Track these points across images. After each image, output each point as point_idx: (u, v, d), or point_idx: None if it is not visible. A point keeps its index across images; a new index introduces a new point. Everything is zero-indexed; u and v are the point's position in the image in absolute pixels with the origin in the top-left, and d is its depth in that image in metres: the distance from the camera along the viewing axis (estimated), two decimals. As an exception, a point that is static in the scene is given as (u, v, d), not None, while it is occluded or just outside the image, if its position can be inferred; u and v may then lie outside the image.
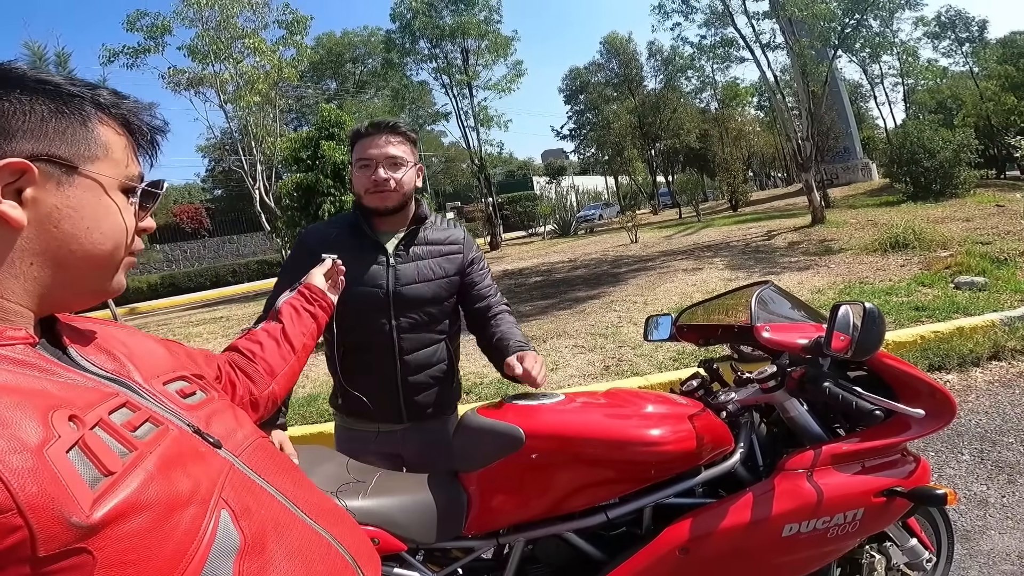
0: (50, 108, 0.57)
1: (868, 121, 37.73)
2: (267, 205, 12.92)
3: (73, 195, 0.58)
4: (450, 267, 1.57)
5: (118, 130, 0.62)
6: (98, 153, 0.59)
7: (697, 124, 32.32)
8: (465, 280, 1.61)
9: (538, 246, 17.45)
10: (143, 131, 0.65)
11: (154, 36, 12.31)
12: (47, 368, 0.54)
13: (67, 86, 0.59)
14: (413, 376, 1.52)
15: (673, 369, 4.09)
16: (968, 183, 13.90)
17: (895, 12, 13.68)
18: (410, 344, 1.51)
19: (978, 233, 8.01)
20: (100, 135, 0.60)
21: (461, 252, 1.60)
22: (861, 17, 12.06)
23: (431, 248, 1.56)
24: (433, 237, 1.57)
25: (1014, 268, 5.77)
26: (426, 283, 1.52)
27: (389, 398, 1.52)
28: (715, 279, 7.35)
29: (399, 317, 1.49)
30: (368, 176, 1.48)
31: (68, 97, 0.58)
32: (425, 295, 1.52)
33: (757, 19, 13.50)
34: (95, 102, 0.60)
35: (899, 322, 4.51)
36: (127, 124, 0.63)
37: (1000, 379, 3.61)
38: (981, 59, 27.66)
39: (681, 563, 1.19)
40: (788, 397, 1.37)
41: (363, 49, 40.86)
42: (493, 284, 1.67)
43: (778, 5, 12.45)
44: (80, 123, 0.58)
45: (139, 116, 0.65)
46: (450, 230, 1.63)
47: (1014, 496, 2.39)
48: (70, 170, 0.57)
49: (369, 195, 1.50)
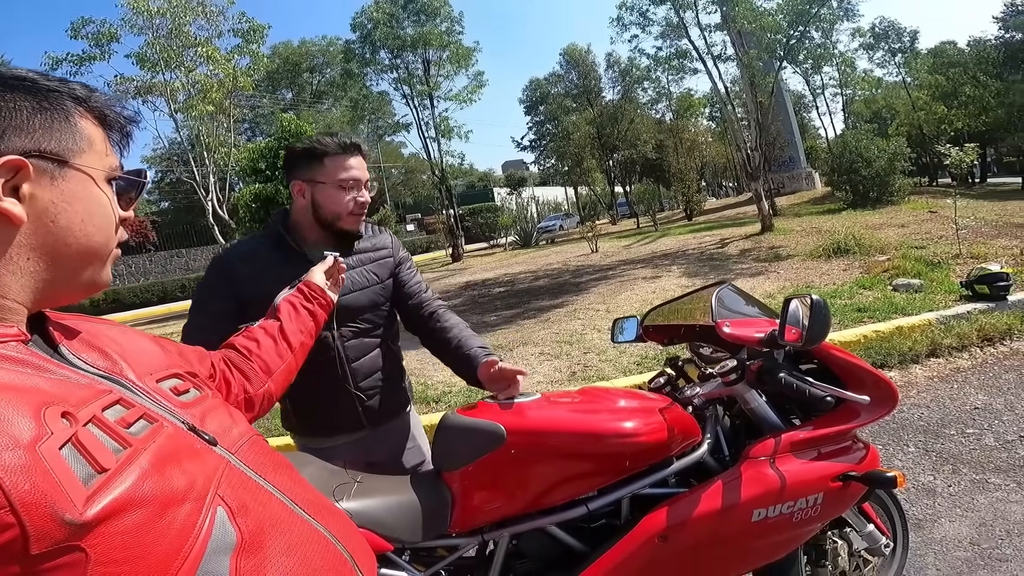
0: (32, 104, 0.57)
1: (811, 131, 39.43)
2: (220, 217, 12.57)
3: (67, 189, 0.58)
4: (383, 272, 1.58)
5: (95, 122, 0.63)
6: (83, 146, 0.60)
7: (653, 135, 33.17)
8: (397, 280, 1.62)
9: (500, 257, 17.50)
10: (118, 123, 0.66)
11: (100, 44, 11.86)
12: (39, 365, 0.53)
13: (43, 81, 0.59)
14: (363, 381, 1.53)
15: (638, 373, 4.20)
16: (903, 191, 14.71)
17: (835, 23, 14.45)
18: (355, 352, 1.52)
19: (913, 238, 8.52)
20: (82, 128, 0.61)
21: (391, 256, 1.62)
22: (804, 29, 12.69)
23: (361, 256, 1.55)
24: (361, 246, 1.57)
25: (947, 270, 6.15)
26: (362, 291, 1.52)
27: (345, 407, 1.52)
28: (673, 286, 7.57)
29: (340, 328, 1.49)
30: (354, 197, 1.46)
31: (47, 92, 0.58)
32: (363, 304, 1.52)
33: (709, 31, 14.04)
34: (72, 96, 0.60)
35: (843, 323, 4.76)
36: (102, 117, 0.64)
37: (939, 375, 3.85)
38: (913, 69, 29.08)
39: (660, 549, 1.25)
40: (748, 389, 1.46)
41: (321, 59, 40.39)
42: (422, 281, 1.69)
43: (729, 18, 12.95)
44: (63, 118, 0.59)
45: (113, 108, 0.65)
46: (376, 236, 1.63)
47: (959, 485, 2.52)
48: (61, 164, 0.58)
49: (352, 217, 1.48)
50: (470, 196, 38.77)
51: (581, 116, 33.89)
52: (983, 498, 2.41)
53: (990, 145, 28.83)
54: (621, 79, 33.48)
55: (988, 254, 6.81)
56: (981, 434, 2.96)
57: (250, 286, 1.41)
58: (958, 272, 5.98)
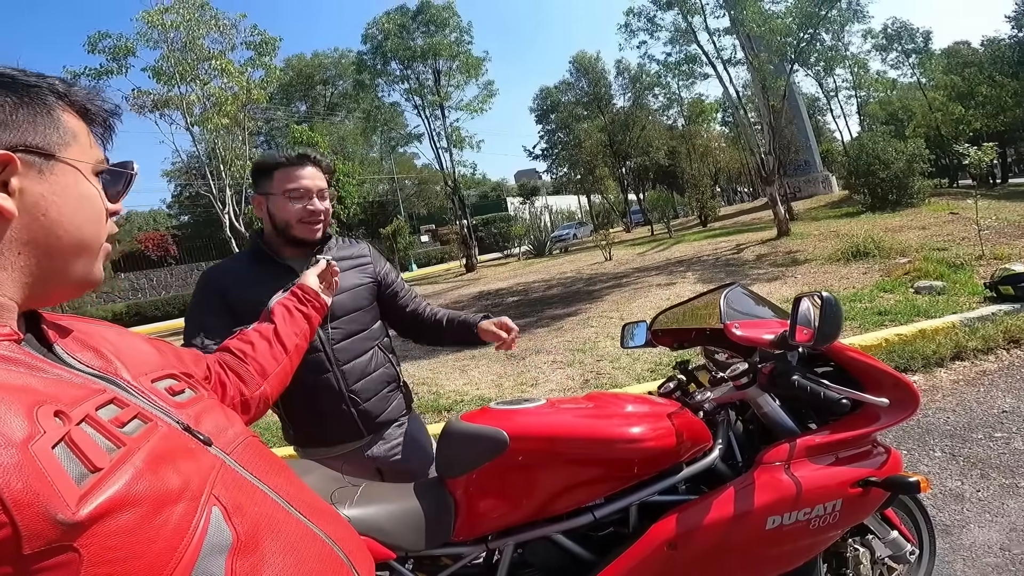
0: (14, 100, 0.57)
1: (826, 134, 39.08)
2: (237, 230, 12.73)
3: (55, 182, 0.58)
4: (364, 275, 1.64)
5: (77, 116, 0.63)
6: (68, 140, 0.60)
7: (665, 141, 33.12)
8: (387, 292, 1.69)
9: (514, 267, 17.51)
10: (100, 115, 0.66)
11: (117, 58, 12.11)
12: (32, 364, 0.53)
13: (23, 77, 0.59)
14: (356, 384, 1.54)
15: (651, 380, 4.14)
16: (922, 193, 14.46)
17: (845, 25, 14.34)
18: (345, 354, 1.55)
19: (934, 240, 8.35)
20: (65, 122, 0.61)
21: (371, 262, 1.69)
22: (814, 31, 12.59)
23: (342, 263, 1.57)
24: (341, 254, 1.61)
25: (970, 272, 6.01)
26: (345, 293, 1.56)
27: (341, 414, 1.53)
28: (688, 292, 7.48)
29: (328, 330, 1.52)
30: (304, 206, 1.50)
31: (28, 87, 0.58)
32: (348, 304, 1.57)
33: (718, 36, 13.98)
34: (53, 90, 0.60)
35: (864, 327, 4.66)
36: (84, 110, 0.64)
37: (964, 378, 3.74)
38: (928, 70, 28.84)
39: (670, 559, 1.21)
40: (760, 393, 1.41)
41: (334, 71, 41.00)
42: (405, 283, 1.77)
43: (737, 22, 12.89)
44: (46, 112, 0.59)
45: (94, 101, 0.65)
46: (355, 246, 1.70)
47: (988, 490, 2.44)
48: (48, 158, 0.58)
49: (302, 225, 1.51)
50: (483, 206, 38.94)
51: (592, 124, 33.91)
52: (1014, 503, 2.32)
53: (1009, 145, 28.34)
54: (631, 86, 33.45)
55: (1012, 255, 6.64)
56: (1010, 438, 2.86)
57: (239, 298, 1.45)
58: (981, 273, 5.84)
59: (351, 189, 21.86)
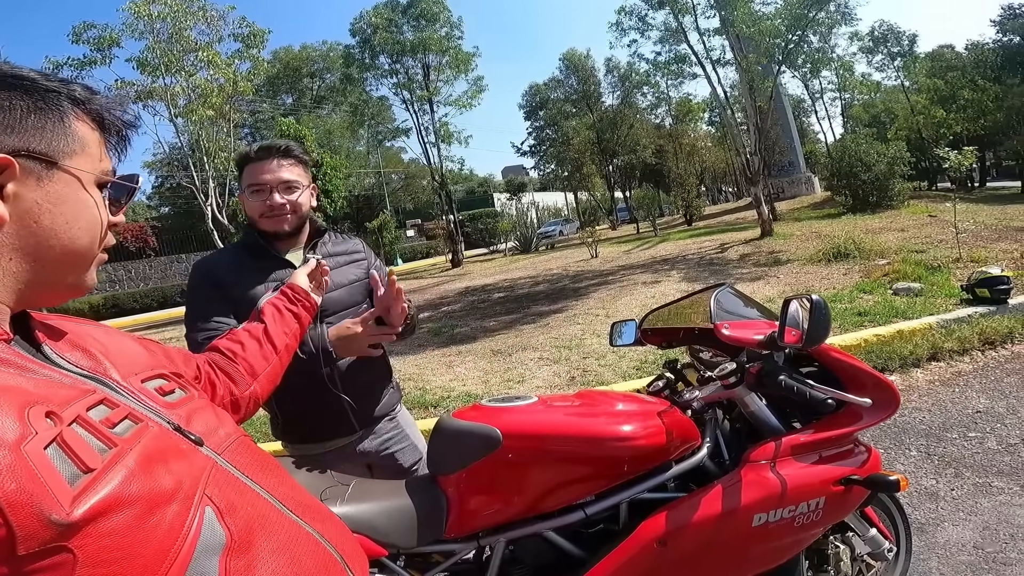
0: (28, 104, 0.56)
1: (810, 136, 39.47)
2: (220, 222, 12.57)
3: (53, 190, 0.58)
4: (359, 271, 1.62)
5: (91, 125, 0.62)
6: (75, 148, 0.60)
7: (653, 140, 33.27)
8: None
9: (500, 263, 17.50)
10: (116, 126, 0.66)
11: (101, 48, 11.87)
12: (22, 365, 0.53)
13: (43, 81, 0.59)
14: (349, 379, 1.54)
15: (637, 378, 4.18)
16: (902, 195, 14.74)
17: (833, 27, 14.52)
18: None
19: (913, 242, 8.53)
20: (76, 130, 0.60)
21: (365, 258, 1.67)
22: (803, 33, 12.73)
23: (336, 259, 1.57)
24: (335, 249, 1.60)
25: (947, 274, 6.14)
26: (340, 289, 1.55)
27: (334, 409, 1.52)
28: (673, 291, 7.55)
29: (323, 325, 1.50)
30: (263, 201, 1.48)
31: (45, 92, 0.58)
32: (343, 300, 1.56)
33: (708, 36, 14.09)
34: (71, 97, 0.60)
35: (844, 327, 4.75)
36: (100, 119, 0.64)
37: (940, 378, 3.83)
38: (912, 73, 29.11)
39: (659, 555, 1.23)
40: (748, 392, 1.44)
41: (321, 64, 40.55)
42: None
43: (727, 22, 12.99)
44: (58, 119, 0.58)
45: (112, 112, 0.65)
46: (348, 242, 1.68)
47: (962, 489, 2.50)
48: (49, 165, 0.57)
49: (264, 219, 1.49)
50: (470, 201, 38.84)
51: (581, 121, 33.98)
52: (987, 502, 2.39)
53: (989, 149, 28.89)
54: (621, 84, 33.57)
55: (988, 258, 6.80)
56: (983, 438, 2.94)
57: (235, 289, 1.43)
58: (958, 276, 5.97)
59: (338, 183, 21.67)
